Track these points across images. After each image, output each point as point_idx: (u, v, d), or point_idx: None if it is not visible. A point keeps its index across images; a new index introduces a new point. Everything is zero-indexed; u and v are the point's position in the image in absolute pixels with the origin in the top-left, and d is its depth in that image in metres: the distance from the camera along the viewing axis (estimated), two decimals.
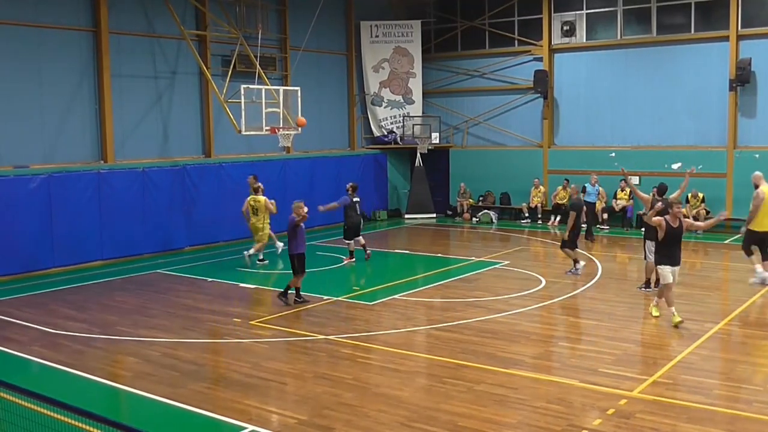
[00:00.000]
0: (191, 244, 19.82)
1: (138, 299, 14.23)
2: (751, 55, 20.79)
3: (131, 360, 10.49)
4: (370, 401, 8.68)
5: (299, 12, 23.02)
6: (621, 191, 22.06)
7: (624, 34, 22.98)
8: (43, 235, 16.70)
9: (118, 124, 18.73)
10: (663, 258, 11.88)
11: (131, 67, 19.08)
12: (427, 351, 10.88)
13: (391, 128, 26.51)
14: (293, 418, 8.17)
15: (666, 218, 11.77)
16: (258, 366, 10.09)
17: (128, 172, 18.40)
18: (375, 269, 17.60)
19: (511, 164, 25.00)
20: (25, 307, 13.65)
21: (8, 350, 10.98)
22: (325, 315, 12.88)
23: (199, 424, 8.28)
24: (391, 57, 26.33)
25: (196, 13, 20.45)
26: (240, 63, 20.39)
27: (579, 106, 23.99)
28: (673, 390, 8.81)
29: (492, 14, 25.36)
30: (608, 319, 12.22)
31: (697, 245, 19.87)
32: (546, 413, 8.20)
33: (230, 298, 14.17)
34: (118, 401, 9.27)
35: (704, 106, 21.82)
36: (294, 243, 13.45)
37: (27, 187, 16.45)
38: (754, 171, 20.62)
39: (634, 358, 10.24)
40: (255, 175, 18.01)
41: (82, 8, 18.06)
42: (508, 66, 25.19)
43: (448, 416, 8.13)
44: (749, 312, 12.52)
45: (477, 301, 13.57)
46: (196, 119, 20.78)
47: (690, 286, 14.68)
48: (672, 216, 11.74)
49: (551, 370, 9.91)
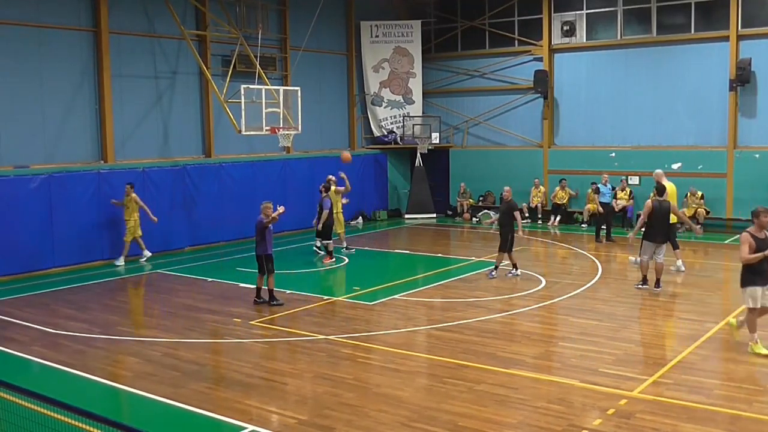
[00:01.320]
0: (191, 244, 19.83)
1: (138, 299, 14.23)
2: (751, 55, 20.80)
3: (132, 360, 10.50)
4: (370, 401, 8.69)
5: (299, 12, 23.03)
6: (621, 191, 22.04)
7: (624, 34, 22.98)
8: (43, 235, 16.71)
9: (118, 124, 18.74)
10: (752, 276, 9.99)
11: (131, 67, 19.09)
12: (427, 351, 10.88)
13: (391, 128, 26.52)
14: (294, 418, 8.18)
15: (749, 230, 10.00)
16: (258, 366, 10.09)
17: (128, 172, 18.40)
18: (375, 269, 17.61)
19: (511, 164, 24.99)
20: (26, 307, 13.65)
21: (9, 350, 10.98)
22: (325, 315, 12.88)
23: (200, 424, 8.28)
24: (391, 57, 26.34)
25: (197, 13, 20.46)
26: (240, 63, 20.39)
27: (579, 106, 24.00)
28: (674, 390, 8.81)
29: (492, 14, 25.36)
30: (608, 319, 12.22)
31: (697, 245, 19.87)
32: (546, 413, 8.20)
33: (230, 298, 14.17)
34: (118, 401, 9.27)
35: (704, 106, 21.82)
36: (264, 244, 13.37)
37: (27, 187, 16.46)
38: (754, 171, 20.85)
39: (634, 358, 10.24)
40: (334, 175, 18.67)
41: (83, 8, 18.06)
42: (508, 66, 25.20)
43: (448, 416, 8.14)
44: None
45: (477, 301, 13.57)
46: (196, 119, 20.79)
47: (690, 286, 14.69)
48: (757, 227, 9.97)
49: (552, 370, 9.91)
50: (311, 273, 16.83)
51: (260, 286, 13.63)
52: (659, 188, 14.35)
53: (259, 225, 13.35)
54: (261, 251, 13.39)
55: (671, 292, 14.13)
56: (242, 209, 20.70)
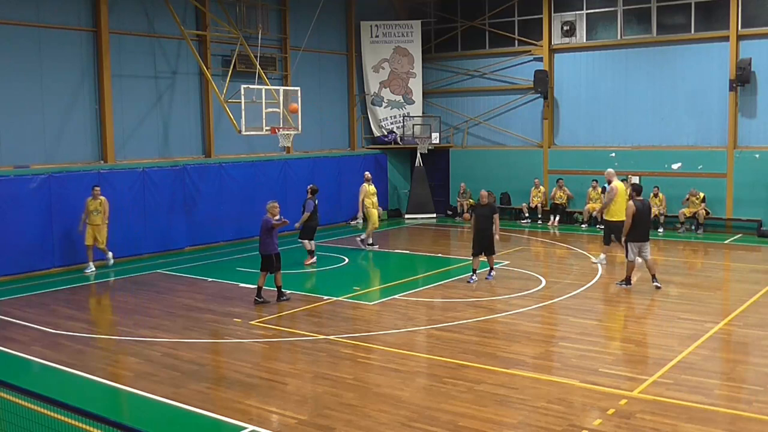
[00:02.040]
0: (191, 244, 19.82)
1: (138, 299, 14.24)
2: (751, 55, 20.79)
3: (132, 360, 10.49)
4: (370, 401, 8.69)
5: (299, 12, 23.03)
6: None
7: (624, 34, 22.98)
8: (43, 235, 16.71)
9: (118, 124, 18.74)
10: None
11: (131, 67, 19.09)
12: (427, 351, 10.89)
13: (391, 128, 26.51)
14: (294, 418, 8.18)
15: None
16: (258, 366, 10.09)
17: (128, 172, 18.41)
18: (375, 269, 17.61)
19: (511, 164, 25.00)
20: (26, 306, 13.65)
21: (9, 350, 10.98)
22: (325, 315, 12.89)
23: (200, 424, 8.28)
24: (391, 57, 26.33)
25: (197, 13, 20.46)
26: (240, 63, 20.38)
27: (579, 106, 23.99)
28: (674, 390, 8.81)
29: (492, 14, 25.36)
30: (608, 319, 12.23)
31: (697, 245, 19.88)
32: (546, 413, 8.20)
33: (230, 298, 14.17)
34: (118, 401, 9.27)
35: (704, 106, 21.82)
36: (271, 243, 13.51)
37: (27, 187, 16.45)
38: (754, 171, 20.86)
39: (634, 358, 10.24)
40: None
41: (83, 8, 18.06)
42: (508, 66, 25.20)
43: (448, 416, 8.14)
44: (749, 312, 12.52)
45: (477, 301, 13.57)
46: (196, 119, 20.79)
47: (690, 286, 14.69)
48: None
49: (552, 370, 9.91)
50: (311, 273, 16.83)
51: (261, 286, 13.66)
52: (636, 188, 14.55)
53: (265, 225, 13.44)
54: (271, 250, 13.51)
55: (671, 292, 14.13)
56: (242, 209, 20.72)
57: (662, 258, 18.24)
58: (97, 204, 16.63)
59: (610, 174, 16.51)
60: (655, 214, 21.55)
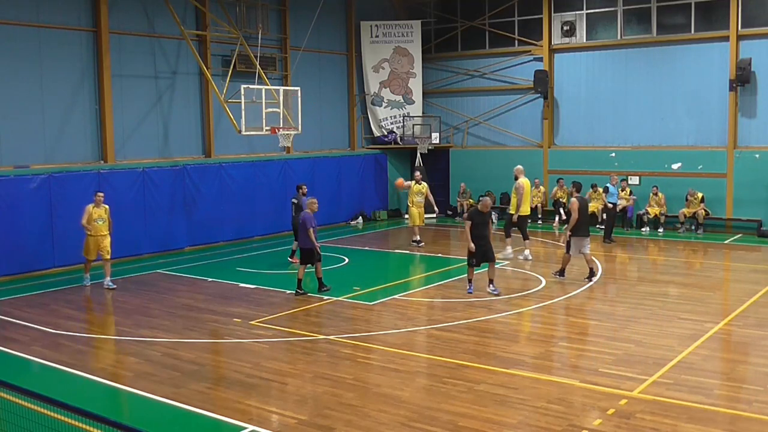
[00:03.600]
0: (191, 244, 19.82)
1: (138, 299, 14.23)
2: (751, 55, 20.79)
3: (132, 360, 10.50)
4: (370, 401, 8.69)
5: (299, 12, 23.02)
6: (621, 191, 22.04)
7: (624, 34, 22.98)
8: (43, 235, 16.71)
9: (118, 124, 18.74)
10: None
11: (131, 67, 19.09)
12: (427, 351, 10.89)
13: (391, 128, 26.51)
14: (294, 418, 8.18)
15: None
16: (259, 366, 10.09)
17: (128, 172, 18.41)
18: (375, 269, 17.60)
19: (512, 164, 24.67)
20: (26, 307, 13.65)
21: (9, 350, 10.98)
22: (325, 315, 12.89)
23: (200, 424, 8.28)
24: (391, 57, 26.33)
25: (197, 13, 20.46)
26: (240, 63, 20.38)
27: (579, 106, 23.99)
28: (674, 390, 8.81)
29: (492, 14, 25.36)
30: (608, 319, 12.23)
31: (697, 245, 19.88)
32: (546, 413, 8.20)
33: (230, 298, 14.18)
34: (118, 401, 9.27)
35: (704, 106, 21.82)
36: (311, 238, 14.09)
37: (27, 187, 16.45)
38: (754, 171, 20.86)
39: (634, 358, 10.24)
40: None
41: (83, 8, 18.06)
42: (508, 66, 25.19)
43: (448, 416, 8.14)
44: (749, 312, 12.52)
45: (477, 301, 13.57)
46: (196, 119, 20.79)
47: (690, 286, 14.70)
48: None
49: (552, 370, 9.91)
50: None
51: (301, 278, 14.30)
52: (577, 185, 15.44)
53: (307, 222, 13.98)
54: (311, 244, 14.05)
55: (671, 292, 14.13)
56: (242, 209, 20.72)
57: (662, 258, 18.27)
58: (102, 211, 15.08)
59: (519, 171, 17.48)
60: (656, 214, 21.71)
